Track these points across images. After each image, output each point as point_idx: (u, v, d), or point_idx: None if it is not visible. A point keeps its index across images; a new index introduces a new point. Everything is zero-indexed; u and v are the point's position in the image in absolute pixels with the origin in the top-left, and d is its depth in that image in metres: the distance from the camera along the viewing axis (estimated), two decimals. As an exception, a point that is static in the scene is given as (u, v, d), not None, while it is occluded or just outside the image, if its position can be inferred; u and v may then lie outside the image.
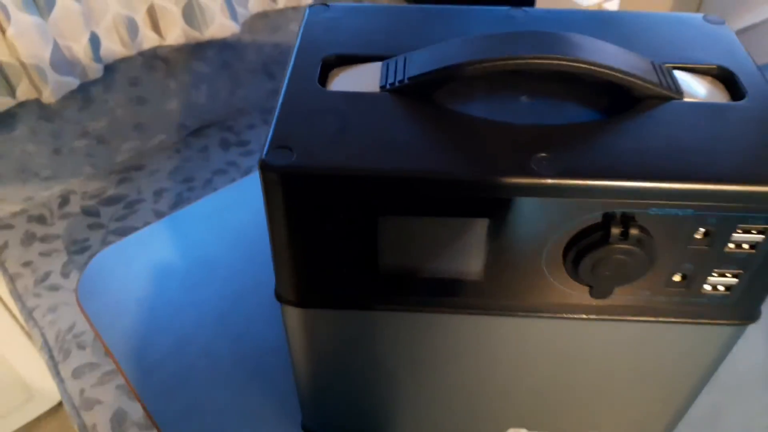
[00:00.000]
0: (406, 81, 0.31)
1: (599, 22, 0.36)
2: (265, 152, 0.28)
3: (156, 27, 1.05)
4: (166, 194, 1.10)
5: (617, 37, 0.35)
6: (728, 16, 0.73)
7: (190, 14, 1.04)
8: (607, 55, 0.30)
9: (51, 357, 0.90)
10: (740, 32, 0.75)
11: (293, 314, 0.35)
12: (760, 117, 0.30)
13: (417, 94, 0.31)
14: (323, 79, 0.33)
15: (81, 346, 0.89)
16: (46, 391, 1.28)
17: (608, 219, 0.28)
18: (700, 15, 0.37)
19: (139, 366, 0.52)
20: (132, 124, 1.13)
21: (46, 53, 0.91)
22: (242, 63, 1.21)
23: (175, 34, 1.06)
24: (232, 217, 0.62)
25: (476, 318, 0.33)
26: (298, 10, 1.24)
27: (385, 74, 0.32)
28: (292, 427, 0.48)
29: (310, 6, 0.38)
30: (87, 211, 1.07)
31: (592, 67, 0.29)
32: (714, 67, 0.33)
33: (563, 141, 0.28)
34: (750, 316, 0.32)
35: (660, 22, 0.37)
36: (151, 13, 1.04)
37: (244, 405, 0.49)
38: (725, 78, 0.33)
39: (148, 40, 1.05)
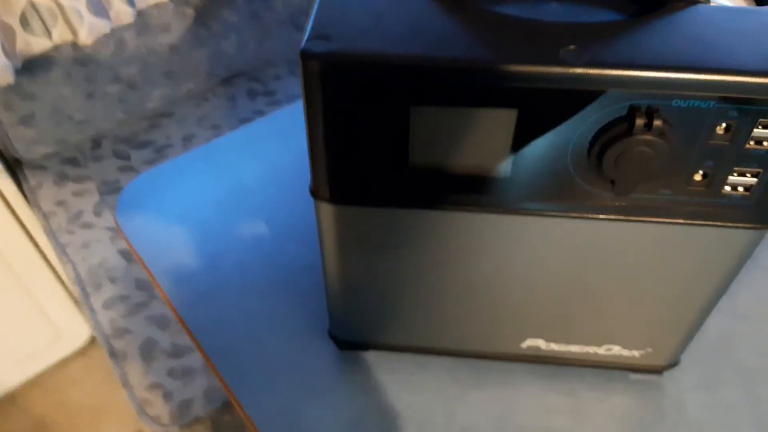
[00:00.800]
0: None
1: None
2: (305, 42, 0.30)
3: (188, -27, 1.07)
4: (195, 140, 1.12)
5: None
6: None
7: (221, -39, 1.06)
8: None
9: (83, 290, 0.94)
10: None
11: (326, 211, 0.36)
12: (786, 19, 0.30)
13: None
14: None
15: (112, 280, 0.93)
16: (75, 331, 1.33)
17: (633, 111, 0.29)
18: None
19: (174, 278, 0.54)
20: (162, 72, 1.15)
21: (82, -5, 0.93)
22: (271, 14, 1.22)
23: (206, -19, 1.08)
24: (266, 147, 0.64)
25: (502, 217, 0.35)
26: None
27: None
28: (318, 336, 0.50)
29: None
30: (118, 154, 1.10)
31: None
32: (743, -24, 0.34)
33: (591, 36, 0.29)
34: None
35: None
36: (183, -41, 1.05)
37: (273, 314, 0.51)
38: (754, -13, 0.33)
39: (180, -14, 1.07)
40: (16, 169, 1.11)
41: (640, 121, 0.29)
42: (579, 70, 0.28)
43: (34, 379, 1.38)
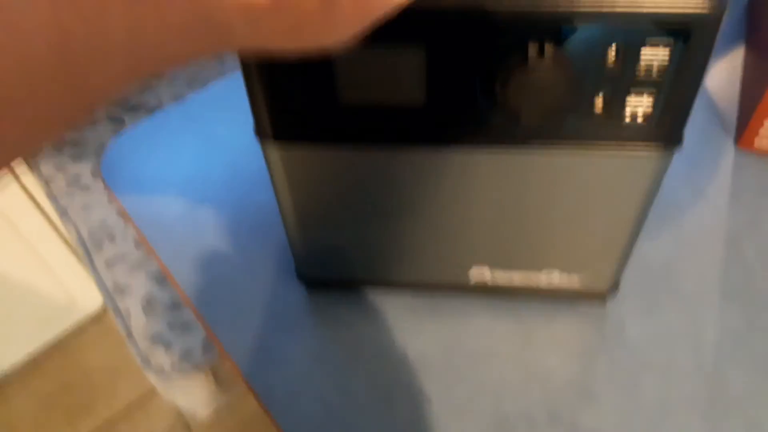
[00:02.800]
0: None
1: None
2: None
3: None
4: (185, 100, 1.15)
5: None
6: None
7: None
8: None
9: (86, 250, 0.99)
10: None
11: (271, 149, 0.40)
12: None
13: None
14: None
15: (111, 239, 0.97)
16: (88, 295, 1.39)
17: (527, 42, 0.32)
18: None
19: (157, 227, 0.58)
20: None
21: None
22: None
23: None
24: (237, 98, 0.67)
25: (423, 148, 0.38)
26: None
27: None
28: (288, 277, 0.54)
29: None
30: (112, 118, 1.14)
31: None
32: None
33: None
34: (672, 140, 0.36)
35: None
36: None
37: (247, 258, 0.55)
38: None
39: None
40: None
41: (533, 51, 0.31)
42: (471, 4, 0.31)
43: (55, 345, 1.45)
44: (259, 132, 0.39)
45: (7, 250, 1.20)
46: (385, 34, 0.32)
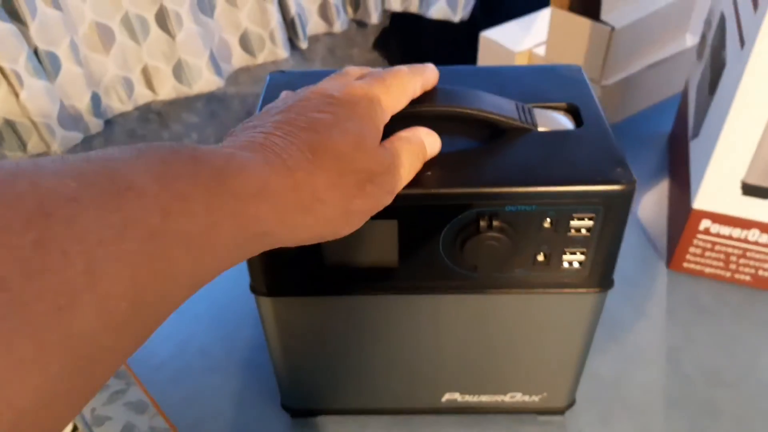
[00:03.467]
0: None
1: (488, 75, 0.48)
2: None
3: (150, 84, 1.18)
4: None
5: (498, 86, 0.46)
6: (634, 55, 0.85)
7: (179, 72, 1.17)
8: (482, 101, 0.42)
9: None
10: (650, 67, 0.88)
11: (265, 302, 0.46)
12: (590, 138, 0.41)
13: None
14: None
15: (91, 370, 1.00)
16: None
17: (478, 216, 0.39)
18: (566, 65, 0.50)
19: (147, 366, 0.62)
20: (130, 171, 1.25)
21: (54, 112, 1.04)
22: (228, 113, 1.34)
23: (166, 89, 1.19)
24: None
25: (398, 297, 0.45)
26: (278, 63, 1.38)
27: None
28: (273, 407, 0.59)
29: (271, 73, 0.50)
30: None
31: (468, 110, 0.41)
32: (564, 104, 0.45)
33: (448, 163, 0.40)
34: (603, 284, 0.44)
35: (534, 72, 0.49)
36: (145, 73, 1.17)
37: (233, 391, 0.60)
38: (572, 111, 0.45)
39: (143, 96, 1.18)
40: None
41: (483, 223, 0.39)
42: (433, 191, 0.39)
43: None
44: (255, 289, 0.45)
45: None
46: (364, 213, 0.39)
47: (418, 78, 0.40)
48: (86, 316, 0.20)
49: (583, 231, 0.40)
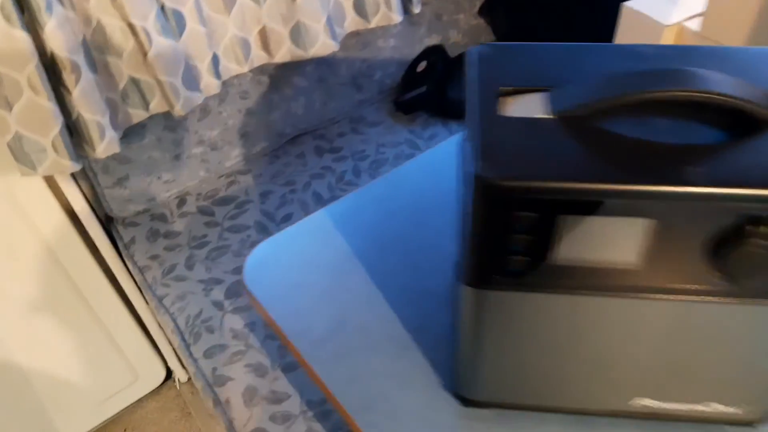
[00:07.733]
0: (573, 108, 0.40)
1: (712, 57, 0.44)
2: (476, 168, 0.38)
3: (266, 47, 1.17)
4: (271, 196, 1.21)
5: (736, 71, 0.43)
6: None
7: (296, 35, 1.15)
8: (734, 87, 0.39)
9: (183, 340, 1.02)
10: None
11: (472, 294, 0.44)
12: None
13: (580, 118, 0.40)
14: (499, 107, 0.42)
15: (210, 330, 1.01)
16: (151, 371, 1.41)
17: (747, 219, 0.36)
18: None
19: (308, 341, 0.62)
20: (240, 133, 1.25)
21: (179, 72, 1.03)
22: (335, 77, 1.32)
23: (282, 52, 1.18)
24: (364, 217, 0.72)
25: (632, 301, 0.42)
26: (386, 28, 1.35)
27: (552, 103, 0.41)
28: (439, 391, 0.58)
29: (470, 47, 0.47)
30: (202, 211, 1.19)
31: (725, 98, 0.38)
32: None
33: (703, 157, 0.37)
34: None
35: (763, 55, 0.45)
36: (262, 35, 1.15)
37: (396, 372, 0.59)
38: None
39: (259, 58, 1.17)
40: (108, 225, 1.21)
41: (752, 228, 0.36)
42: (698, 190, 0.36)
43: (113, 419, 1.46)
44: (464, 279, 0.43)
45: (77, 325, 1.23)
46: (614, 208, 0.37)
47: None
48: None
49: None
